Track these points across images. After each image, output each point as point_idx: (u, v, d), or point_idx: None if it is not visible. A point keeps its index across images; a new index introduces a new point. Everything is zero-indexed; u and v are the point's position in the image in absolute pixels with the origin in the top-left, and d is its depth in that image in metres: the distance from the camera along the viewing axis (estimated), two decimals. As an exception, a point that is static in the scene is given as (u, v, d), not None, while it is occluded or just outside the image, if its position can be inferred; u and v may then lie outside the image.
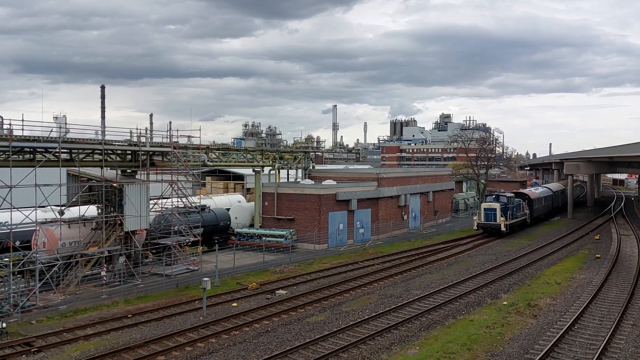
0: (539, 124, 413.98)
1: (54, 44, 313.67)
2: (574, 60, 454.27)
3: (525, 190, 59.85)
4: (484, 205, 48.68)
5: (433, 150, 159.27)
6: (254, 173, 45.96)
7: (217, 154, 41.92)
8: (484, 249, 42.31)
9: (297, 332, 21.18)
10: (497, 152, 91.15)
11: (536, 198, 57.12)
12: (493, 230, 47.22)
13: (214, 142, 71.60)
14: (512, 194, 51.74)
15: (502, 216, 46.66)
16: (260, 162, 45.87)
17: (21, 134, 25.26)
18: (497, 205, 47.14)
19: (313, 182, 47.91)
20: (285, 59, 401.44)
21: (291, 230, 41.90)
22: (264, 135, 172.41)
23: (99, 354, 18.72)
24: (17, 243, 27.35)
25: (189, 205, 33.99)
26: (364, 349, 19.27)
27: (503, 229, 46.49)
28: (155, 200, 33.47)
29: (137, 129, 30.75)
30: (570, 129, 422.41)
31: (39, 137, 26.09)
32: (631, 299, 25.50)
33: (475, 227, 48.75)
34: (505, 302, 25.25)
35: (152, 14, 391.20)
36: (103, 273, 29.14)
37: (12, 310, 23.30)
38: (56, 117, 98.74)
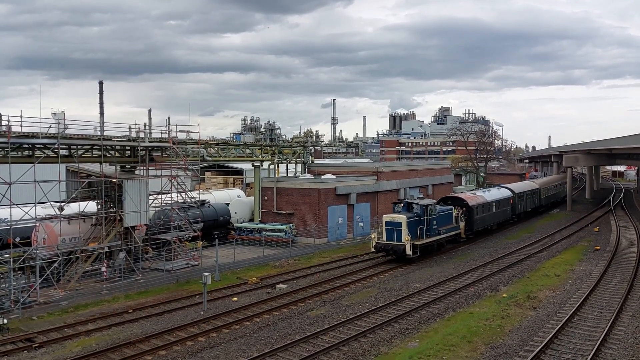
0: (538, 116, 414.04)
1: (54, 40, 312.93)
2: (574, 53, 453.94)
3: (463, 195, 44.36)
4: (385, 217, 34.15)
5: (432, 143, 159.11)
6: (253, 168, 45.94)
7: (216, 149, 41.88)
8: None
9: (298, 326, 21.25)
10: (496, 145, 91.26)
11: (479, 205, 41.95)
12: (395, 253, 33.12)
13: (213, 137, 71.47)
14: (433, 201, 37.42)
15: (408, 234, 32.58)
16: (260, 156, 45.84)
17: (20, 131, 25.22)
18: (402, 218, 32.87)
19: (312, 177, 47.91)
20: (285, 54, 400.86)
21: (291, 224, 41.93)
22: (263, 129, 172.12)
23: (100, 349, 18.78)
24: (17, 239, 27.35)
25: (189, 201, 34.00)
26: (364, 342, 19.34)
27: (409, 251, 32.29)
28: (154, 196, 33.46)
29: (136, 124, 30.77)
30: (570, 121, 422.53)
31: (37, 133, 26.04)
32: (630, 290, 25.58)
33: (373, 249, 34.48)
34: (504, 295, 25.32)
35: (153, 9, 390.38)
36: (103, 269, 29.17)
37: (13, 306, 23.34)
38: (55, 114, 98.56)
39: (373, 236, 34.20)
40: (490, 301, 24.44)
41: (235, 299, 25.69)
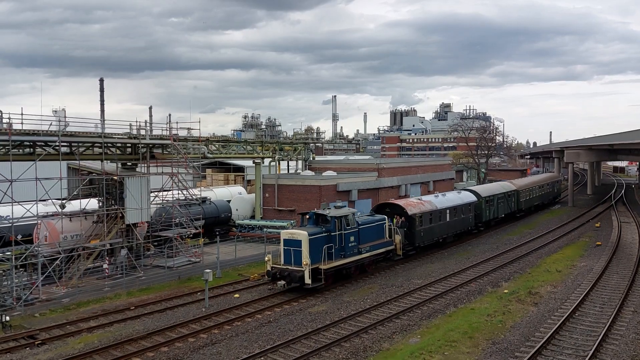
0: (539, 112, 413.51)
1: (55, 37, 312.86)
2: (576, 48, 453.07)
3: (402, 202, 35.16)
4: (284, 234, 26.56)
5: (433, 139, 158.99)
6: (254, 165, 45.94)
7: (217, 145, 41.88)
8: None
9: (299, 322, 21.28)
10: (497, 141, 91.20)
11: (423, 213, 33.96)
12: (292, 280, 25.27)
13: (213, 134, 71.43)
14: (352, 211, 28.54)
15: (310, 255, 25.01)
16: (261, 153, 45.83)
17: (21, 128, 25.23)
18: (302, 235, 25.33)
19: (313, 173, 47.92)
20: (287, 50, 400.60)
21: (292, 221, 41.89)
22: (263, 126, 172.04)
23: (102, 345, 18.83)
24: (19, 237, 27.40)
25: (190, 198, 34.03)
26: (365, 338, 19.37)
27: (308, 280, 24.79)
28: (156, 193, 33.51)
29: (136, 121, 30.78)
30: (571, 117, 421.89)
31: (38, 130, 26.05)
32: (632, 285, 25.58)
33: (266, 276, 26.71)
34: (506, 291, 25.33)
35: (154, 6, 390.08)
36: (105, 266, 29.21)
37: (15, 303, 23.40)
38: (55, 111, 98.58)
39: (267, 259, 26.08)
40: (492, 297, 24.45)
41: (236, 295, 25.72)
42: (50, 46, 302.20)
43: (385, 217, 31.02)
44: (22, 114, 24.80)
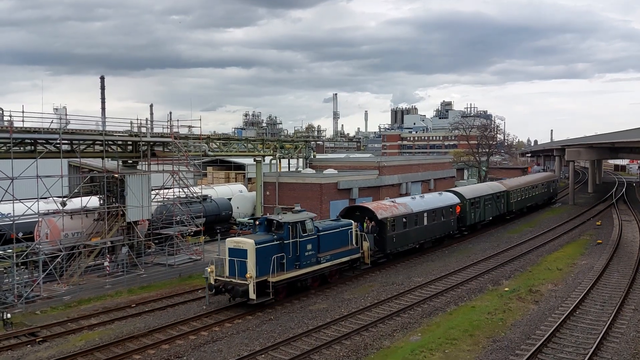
0: (540, 110, 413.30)
1: (57, 35, 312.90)
2: (577, 46, 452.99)
3: (372, 205, 32.22)
4: (229, 242, 23.43)
5: (434, 138, 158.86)
6: (255, 163, 45.95)
7: (218, 143, 41.86)
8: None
9: (300, 320, 21.30)
10: (498, 139, 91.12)
11: (396, 217, 30.94)
12: (235, 294, 22.35)
13: (214, 132, 71.46)
14: (310, 216, 25.56)
15: (256, 267, 22.24)
16: (261, 151, 45.82)
17: (22, 126, 25.24)
18: (249, 244, 22.46)
19: (314, 172, 47.92)
20: (288, 48, 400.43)
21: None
22: (264, 124, 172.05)
23: (103, 343, 18.86)
24: (20, 234, 27.42)
25: (191, 196, 34.04)
26: (366, 336, 19.39)
27: (252, 295, 21.84)
28: (156, 191, 33.52)
29: (137, 119, 30.77)
30: (572, 115, 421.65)
31: (39, 128, 26.06)
32: (632, 284, 25.57)
33: (209, 289, 23.21)
34: (506, 289, 25.34)
35: (156, 4, 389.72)
36: (106, 263, 29.26)
37: (16, 301, 23.43)
38: (56, 109, 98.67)
39: (210, 270, 22.98)
40: (492, 295, 24.46)
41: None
42: (51, 44, 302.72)
43: (352, 221, 28.15)
44: (23, 112, 24.82)
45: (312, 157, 53.45)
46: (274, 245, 23.35)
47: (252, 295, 21.92)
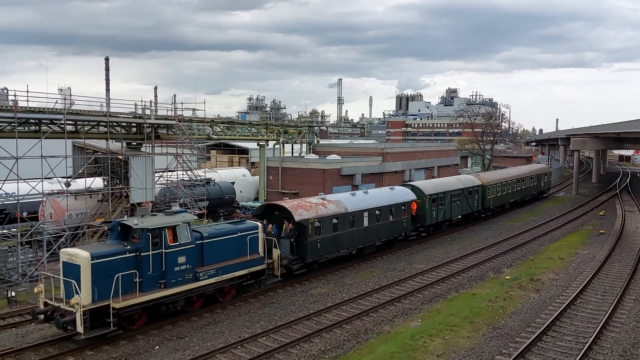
0: (547, 99, 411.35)
1: (63, 15, 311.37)
2: (586, 35, 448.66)
3: (290, 204, 25.80)
4: (63, 254, 17.69)
5: (439, 125, 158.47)
6: (258, 147, 45.94)
7: (221, 127, 41.85)
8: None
9: (301, 304, 21.45)
10: (503, 128, 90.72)
11: (322, 218, 25.47)
12: (57, 324, 17.02)
13: (218, 115, 71.45)
14: (189, 219, 19.91)
15: (93, 288, 16.98)
16: (265, 136, 45.78)
17: (27, 106, 25.25)
18: (83, 259, 16.89)
19: (317, 157, 47.89)
20: (294, 32, 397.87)
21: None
22: (268, 109, 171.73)
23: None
24: (25, 214, 27.57)
25: (194, 179, 34.10)
26: (367, 321, 19.53)
27: (79, 328, 16.41)
28: (160, 173, 33.58)
29: (142, 101, 30.74)
30: (578, 104, 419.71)
31: (44, 108, 26.06)
32: (634, 274, 25.61)
33: (32, 315, 18.75)
34: (507, 277, 25.42)
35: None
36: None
37: (20, 279, 23.66)
38: (61, 89, 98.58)
39: (37, 290, 17.94)
40: (493, 283, 24.55)
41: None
42: (57, 23, 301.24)
43: (258, 224, 23.08)
44: (27, 92, 24.79)
45: (315, 142, 53.37)
46: (123, 259, 17.78)
47: (80, 327, 16.38)
